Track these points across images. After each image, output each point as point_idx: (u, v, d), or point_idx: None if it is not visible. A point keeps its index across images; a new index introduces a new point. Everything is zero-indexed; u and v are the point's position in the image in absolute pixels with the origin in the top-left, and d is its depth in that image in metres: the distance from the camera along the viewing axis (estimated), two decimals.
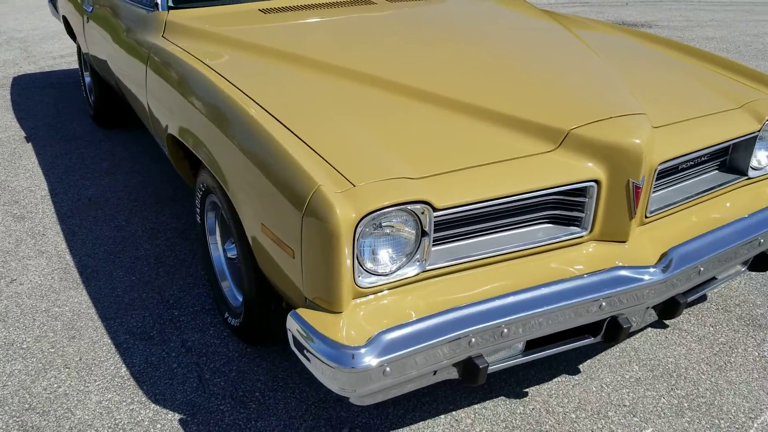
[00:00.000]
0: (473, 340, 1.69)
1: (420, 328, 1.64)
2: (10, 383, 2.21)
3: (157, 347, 2.37)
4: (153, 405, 2.11)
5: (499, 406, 2.10)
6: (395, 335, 1.61)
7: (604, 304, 1.83)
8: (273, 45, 2.47)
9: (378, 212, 1.59)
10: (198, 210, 2.51)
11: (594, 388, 2.18)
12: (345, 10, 2.83)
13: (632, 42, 2.82)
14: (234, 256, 2.34)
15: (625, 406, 2.11)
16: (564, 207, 1.90)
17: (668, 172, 2.09)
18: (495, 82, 2.20)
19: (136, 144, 4.22)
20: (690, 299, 2.07)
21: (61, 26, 7.43)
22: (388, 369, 1.59)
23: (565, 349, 1.91)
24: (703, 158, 2.21)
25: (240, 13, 2.77)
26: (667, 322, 2.51)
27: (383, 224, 1.65)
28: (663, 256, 1.94)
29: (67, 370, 2.27)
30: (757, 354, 2.35)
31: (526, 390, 2.17)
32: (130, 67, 2.98)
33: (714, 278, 2.19)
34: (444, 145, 1.84)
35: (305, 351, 1.63)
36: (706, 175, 2.26)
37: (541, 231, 1.90)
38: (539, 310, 1.75)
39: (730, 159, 2.31)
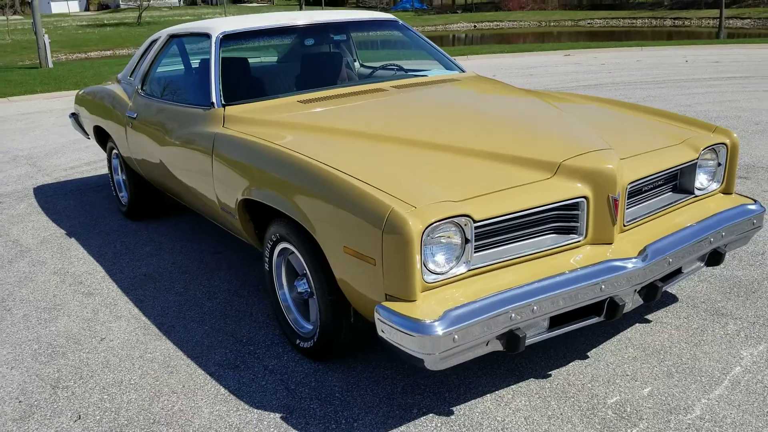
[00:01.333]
0: (513, 315, 2.29)
1: (475, 307, 2.24)
2: (131, 408, 2.70)
3: (245, 372, 2.90)
4: (256, 410, 2.63)
5: (531, 384, 2.68)
6: (458, 312, 2.21)
7: (603, 286, 2.46)
8: (315, 123, 3.16)
9: (436, 224, 2.22)
10: (267, 259, 3.09)
11: (602, 366, 2.77)
12: (365, 97, 3.55)
13: (593, 104, 3.58)
14: (304, 291, 2.92)
15: (627, 375, 2.70)
16: (563, 219, 2.56)
17: (636, 192, 2.78)
18: (492, 133, 2.90)
19: (171, 230, 4.81)
20: (665, 287, 2.71)
21: (64, 141, 8.09)
22: (456, 336, 2.18)
23: (578, 326, 2.52)
24: (659, 182, 2.91)
25: (283, 105, 3.46)
26: (650, 317, 3.14)
27: (439, 234, 2.27)
28: (641, 251, 2.60)
29: (175, 394, 2.78)
30: (722, 332, 2.98)
31: (549, 373, 2.75)
32: (188, 158, 3.61)
33: (680, 271, 2.84)
34: (468, 178, 2.50)
35: (392, 329, 2.21)
36: (663, 195, 2.96)
37: (549, 239, 2.55)
38: (558, 291, 2.37)
39: (680, 182, 3.02)
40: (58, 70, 18.91)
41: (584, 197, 2.52)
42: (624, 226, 2.67)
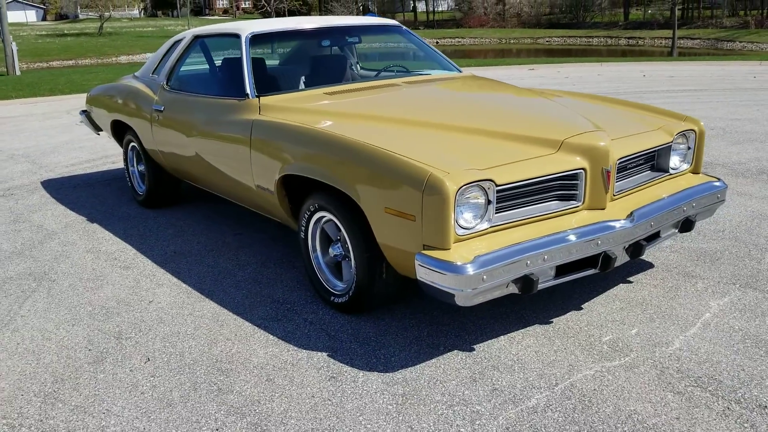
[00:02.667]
0: (528, 262, 2.79)
1: (498, 254, 2.73)
2: (193, 352, 3.12)
3: (288, 323, 3.34)
4: (304, 350, 3.07)
5: (537, 328, 3.17)
6: (486, 257, 2.70)
7: (599, 242, 2.98)
8: (344, 110, 3.63)
9: (466, 186, 2.70)
10: (303, 228, 3.53)
11: (594, 314, 3.28)
12: (382, 90, 4.04)
13: (580, 98, 4.12)
14: (338, 254, 3.38)
15: (616, 320, 3.22)
16: (565, 188, 3.07)
17: (622, 169, 3.30)
18: (500, 117, 3.42)
19: (189, 216, 5.20)
20: (648, 247, 3.23)
21: (56, 142, 8.39)
22: (484, 276, 2.67)
23: (577, 276, 3.02)
24: (640, 161, 3.45)
25: (312, 96, 3.92)
26: (631, 278, 3.66)
27: (468, 195, 2.76)
28: (629, 215, 3.12)
29: (229, 341, 3.20)
30: (693, 289, 3.52)
31: (551, 320, 3.25)
32: (222, 145, 4.02)
33: (659, 235, 3.37)
34: (486, 152, 2.99)
35: (431, 272, 2.68)
36: (644, 173, 3.50)
37: (553, 204, 3.05)
38: (563, 244, 2.88)
39: (657, 162, 3.57)
40: (27, 78, 18.99)
41: (583, 169, 3.04)
42: (614, 196, 3.20)
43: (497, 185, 2.80)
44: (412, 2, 66.13)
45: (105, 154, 7.85)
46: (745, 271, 3.72)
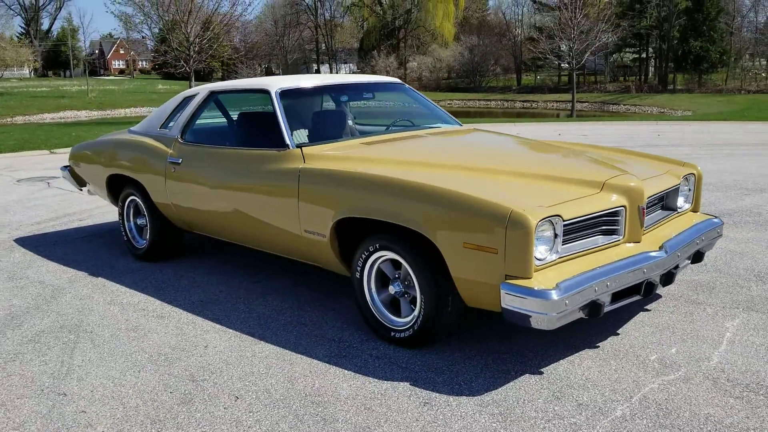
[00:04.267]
0: (596, 288, 3.14)
1: (574, 281, 3.07)
2: (278, 388, 3.24)
3: (356, 360, 3.51)
4: (386, 381, 3.26)
5: (588, 352, 3.50)
6: (566, 284, 3.03)
7: (645, 270, 3.38)
8: (388, 157, 3.94)
9: (542, 221, 3.05)
10: (358, 269, 3.75)
11: (632, 338, 3.66)
12: (411, 139, 4.38)
13: (584, 147, 4.59)
14: (397, 291, 3.62)
15: (654, 342, 3.61)
16: (608, 224, 3.47)
17: (647, 206, 3.75)
18: (536, 162, 3.82)
19: (197, 267, 5.26)
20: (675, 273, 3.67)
21: (6, 200, 8.13)
22: (566, 301, 3.00)
23: (627, 302, 3.39)
24: (656, 201, 3.92)
25: (350, 145, 4.20)
26: (648, 307, 4.09)
27: (541, 229, 3.10)
28: (661, 247, 3.55)
29: (308, 376, 3.35)
30: (705, 313, 3.98)
31: (598, 345, 3.60)
32: (259, 193, 4.20)
33: (678, 266, 3.83)
34: (541, 192, 3.35)
35: (518, 299, 2.98)
36: (657, 212, 3.96)
37: (600, 238, 3.44)
38: (621, 272, 3.25)
39: (666, 202, 4.05)
40: None
41: (623, 206, 3.45)
42: (644, 231, 3.63)
43: (564, 220, 3.15)
44: (315, 65, 67.49)
45: (65, 212, 7.71)
46: (741, 297, 4.23)
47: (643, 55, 51.98)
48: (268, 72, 64.36)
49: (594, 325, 3.80)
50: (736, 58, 47.60)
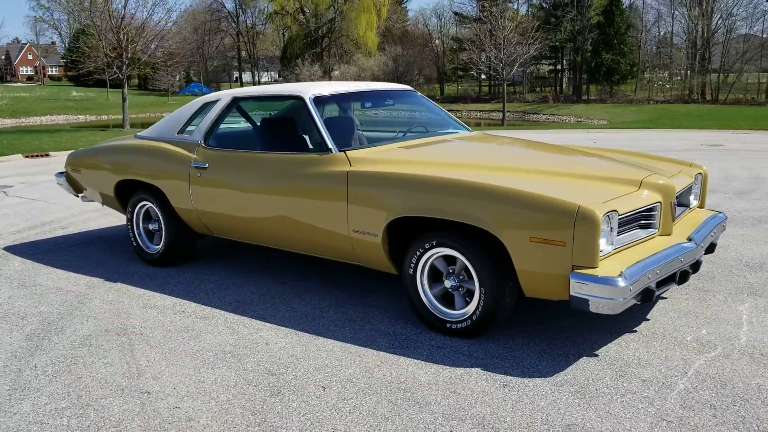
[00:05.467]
0: (649, 276, 3.48)
1: (635, 269, 3.39)
2: (360, 377, 3.41)
3: (420, 350, 3.71)
4: (455, 368, 3.48)
5: (630, 336, 3.84)
6: (629, 272, 3.35)
7: (682, 259, 3.75)
8: (432, 159, 4.18)
9: (606, 215, 3.36)
10: (411, 265, 3.97)
11: (664, 322, 4.01)
12: (441, 143, 4.62)
13: (610, 152, 4.96)
14: (452, 285, 3.86)
15: (684, 325, 3.97)
16: (646, 219, 3.81)
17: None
18: (571, 163, 4.13)
19: (214, 271, 5.32)
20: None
21: None
22: (631, 288, 3.31)
23: (667, 289, 3.73)
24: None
25: (390, 149, 4.41)
26: (664, 296, 4.47)
27: (603, 223, 3.41)
28: (689, 238, 3.93)
29: (383, 365, 3.53)
30: (717, 299, 4.39)
31: (635, 329, 3.94)
32: (301, 196, 4.34)
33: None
34: (588, 189, 3.65)
35: (589, 286, 3.28)
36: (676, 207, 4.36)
37: (640, 232, 3.79)
38: (666, 261, 3.60)
39: (680, 200, 4.45)
40: None
41: (659, 202, 3.81)
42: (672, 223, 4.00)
43: (619, 215, 3.48)
44: (236, 72, 66.74)
45: (41, 221, 7.54)
46: (741, 284, 4.68)
47: (558, 67, 54.13)
48: (188, 81, 63.13)
49: (624, 313, 4.13)
50: (642, 70, 50.28)
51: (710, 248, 4.34)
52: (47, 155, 15.49)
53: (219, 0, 60.77)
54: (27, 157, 14.96)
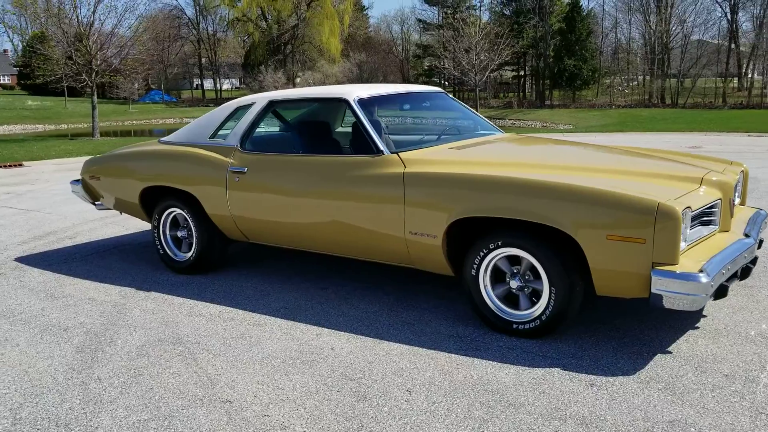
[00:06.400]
0: (723, 271, 3.51)
1: (712, 265, 3.42)
2: (439, 380, 3.37)
3: (489, 351, 3.69)
4: (538, 369, 3.47)
5: (692, 333, 3.87)
6: (708, 268, 3.38)
7: (746, 255, 3.80)
8: (486, 160, 4.17)
9: (683, 211, 3.39)
10: (474, 267, 3.94)
11: (722, 318, 4.07)
12: (488, 144, 4.62)
13: (655, 152, 5.00)
14: (518, 286, 3.85)
15: (732, 317, 4.03)
16: (708, 215, 3.86)
17: None
18: (628, 162, 4.15)
19: (249, 278, 5.21)
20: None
21: None
22: (711, 283, 3.34)
23: (732, 283, 3.78)
24: None
25: (440, 151, 4.39)
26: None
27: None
28: (747, 235, 3.99)
29: (460, 368, 3.49)
30: (763, 294, 4.46)
31: (697, 326, 3.98)
32: (354, 199, 4.28)
33: None
34: (655, 187, 3.67)
35: (672, 282, 3.29)
36: None
37: (704, 229, 3.83)
38: (736, 256, 3.65)
39: None
40: None
41: (720, 199, 3.86)
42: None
43: (691, 211, 3.51)
44: (198, 80, 66.00)
45: (45, 231, 7.32)
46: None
47: (522, 73, 54.83)
48: (148, 88, 62.15)
49: (670, 311, 4.16)
50: (602, 75, 51.25)
51: (760, 243, 4.41)
52: (21, 165, 15.07)
53: (179, 6, 59.99)
54: (2, 167, 14.52)
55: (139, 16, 24.27)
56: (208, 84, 66.54)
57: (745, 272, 3.85)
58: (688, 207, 3.46)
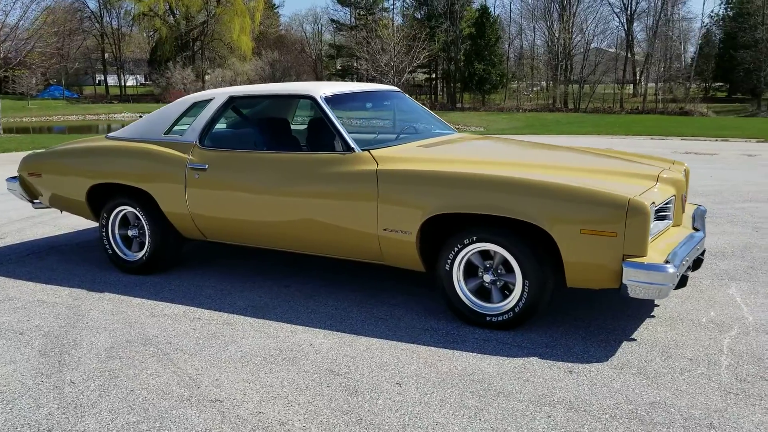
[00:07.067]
0: (684, 262, 3.76)
1: (675, 256, 3.66)
2: (426, 372, 3.44)
3: (468, 343, 3.79)
4: (520, 358, 3.60)
5: (660, 328, 4.12)
6: (673, 259, 3.61)
7: (698, 247, 4.07)
8: (460, 158, 4.29)
9: (651, 206, 3.60)
10: (448, 262, 4.04)
11: (666, 303, 4.34)
12: (453, 143, 4.73)
13: (604, 151, 5.24)
14: (491, 280, 3.98)
15: (680, 306, 4.31)
16: (663, 211, 4.11)
17: None
18: (587, 160, 4.36)
19: (206, 278, 5.11)
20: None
21: None
22: (677, 273, 3.57)
23: (688, 274, 4.04)
24: None
25: (409, 149, 4.46)
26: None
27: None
28: (697, 228, 4.27)
29: (447, 360, 3.58)
30: (704, 284, 4.79)
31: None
32: (323, 196, 4.29)
33: None
34: (616, 184, 3.87)
35: (642, 273, 3.49)
36: None
37: (660, 223, 4.07)
38: (692, 249, 3.90)
39: None
40: None
41: (674, 195, 4.12)
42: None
43: (655, 205, 3.73)
44: (101, 75, 63.45)
45: None
46: (717, 271, 5.12)
47: (434, 76, 55.74)
48: (47, 85, 59.20)
49: (635, 299, 4.40)
50: (509, 79, 52.85)
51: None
52: None
53: None
54: None
55: (47, 7, 22.91)
56: (111, 80, 64.06)
57: (696, 263, 4.12)
58: (653, 202, 3.67)
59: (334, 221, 4.32)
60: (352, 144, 4.32)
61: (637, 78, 52.22)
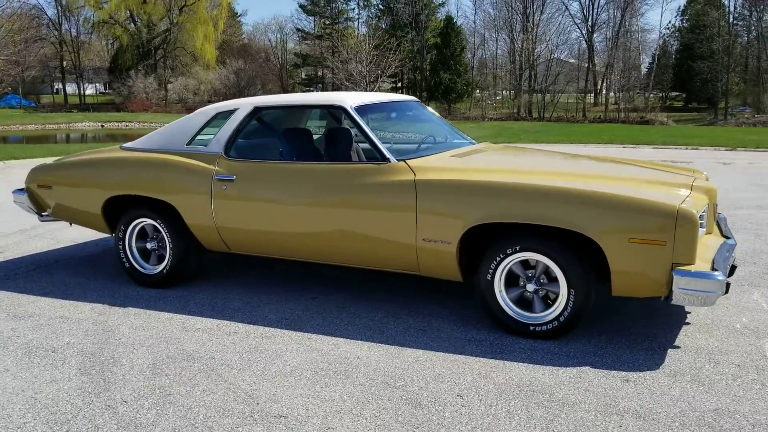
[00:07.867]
0: (726, 270, 3.82)
1: (720, 265, 3.72)
2: (484, 383, 3.44)
3: (517, 353, 3.79)
4: (572, 368, 3.61)
5: (686, 334, 4.18)
6: (718, 267, 3.67)
7: (732, 255, 4.14)
8: (496, 167, 4.31)
9: (698, 214, 3.66)
10: (489, 272, 4.04)
11: (699, 311, 4.40)
12: (483, 152, 4.75)
13: (633, 160, 5.31)
14: (533, 290, 3.99)
15: (712, 312, 4.38)
16: (701, 219, 4.18)
17: None
18: (622, 170, 4.40)
19: (228, 291, 5.02)
20: None
21: None
22: (726, 280, 3.63)
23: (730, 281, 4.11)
24: None
25: (443, 158, 4.46)
26: None
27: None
28: (727, 236, 4.36)
29: (498, 371, 3.58)
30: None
31: (673, 320, 4.29)
32: (359, 207, 4.25)
33: None
34: (656, 192, 3.91)
35: (694, 281, 3.54)
36: None
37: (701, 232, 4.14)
38: (729, 256, 3.98)
39: None
40: None
41: (708, 203, 4.20)
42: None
43: (698, 213, 3.80)
44: (59, 84, 62.14)
45: None
46: (736, 277, 5.20)
47: (399, 85, 55.93)
48: (3, 91, 57.72)
49: (662, 306, 4.47)
50: (474, 89, 53.37)
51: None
52: None
53: (38, 6, 56.29)
54: None
55: (13, 14, 22.38)
56: (70, 88, 62.74)
57: (732, 270, 4.19)
58: (696, 210, 3.73)
59: (370, 232, 4.28)
60: (388, 154, 4.30)
61: (598, 88, 53.18)
